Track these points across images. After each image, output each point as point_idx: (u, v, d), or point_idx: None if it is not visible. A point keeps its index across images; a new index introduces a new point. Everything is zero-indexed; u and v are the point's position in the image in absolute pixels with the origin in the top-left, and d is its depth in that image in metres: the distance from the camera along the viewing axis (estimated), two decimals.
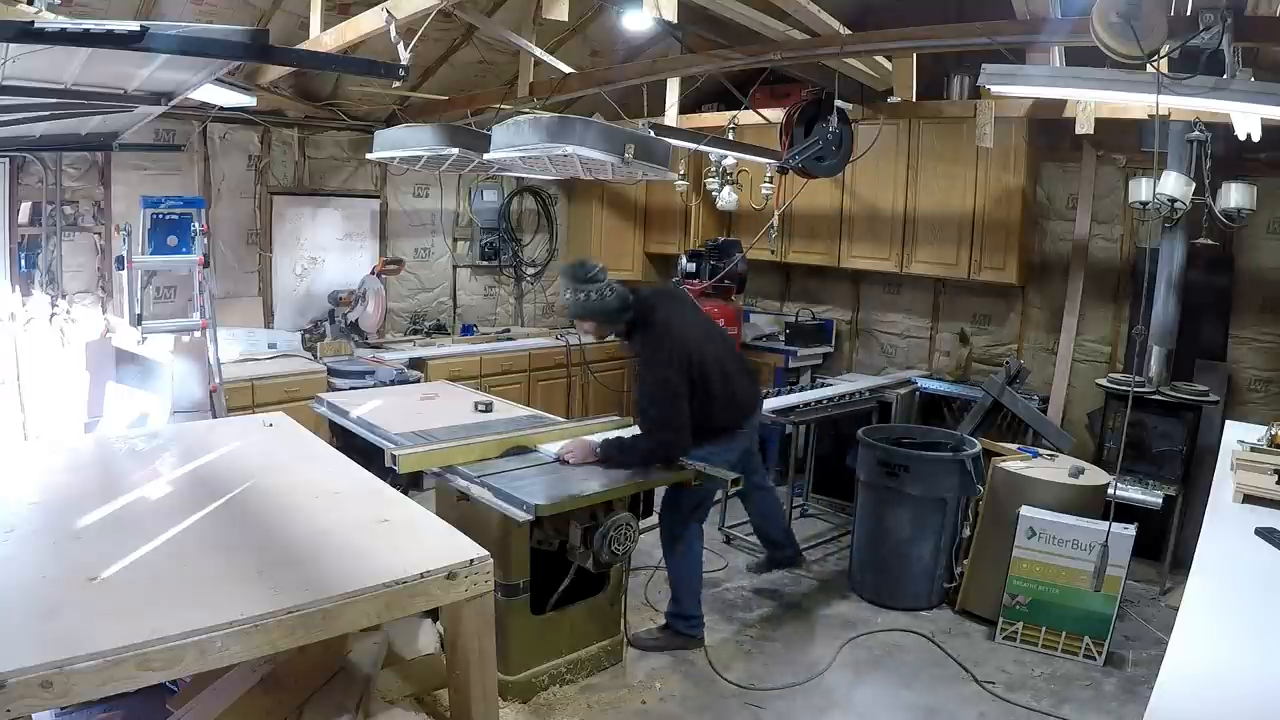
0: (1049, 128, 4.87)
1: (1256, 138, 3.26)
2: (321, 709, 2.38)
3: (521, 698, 3.08)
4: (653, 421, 3.21)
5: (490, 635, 2.21)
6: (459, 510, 3.07)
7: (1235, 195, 3.90)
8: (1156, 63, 2.28)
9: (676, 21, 3.06)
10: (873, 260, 5.62)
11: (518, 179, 6.33)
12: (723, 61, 3.78)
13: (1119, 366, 4.91)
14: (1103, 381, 4.53)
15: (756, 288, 6.58)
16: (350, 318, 5.45)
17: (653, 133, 3.71)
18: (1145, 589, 4.21)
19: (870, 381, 5.35)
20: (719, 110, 5.59)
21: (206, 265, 4.16)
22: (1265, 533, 2.25)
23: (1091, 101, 3.80)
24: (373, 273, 5.56)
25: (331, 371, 4.94)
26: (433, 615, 2.85)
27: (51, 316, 4.39)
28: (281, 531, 2.30)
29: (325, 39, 3.42)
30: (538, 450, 3.38)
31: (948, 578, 3.98)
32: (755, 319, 6.43)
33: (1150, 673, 2.57)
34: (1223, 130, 3.72)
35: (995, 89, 2.94)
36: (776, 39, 3.62)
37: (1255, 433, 2.89)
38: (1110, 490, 3.62)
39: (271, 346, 5.09)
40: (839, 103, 4.32)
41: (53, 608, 1.79)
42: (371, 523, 2.36)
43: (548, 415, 4.05)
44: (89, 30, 1.93)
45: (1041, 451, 4.15)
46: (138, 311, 3.96)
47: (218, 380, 4.17)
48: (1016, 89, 2.99)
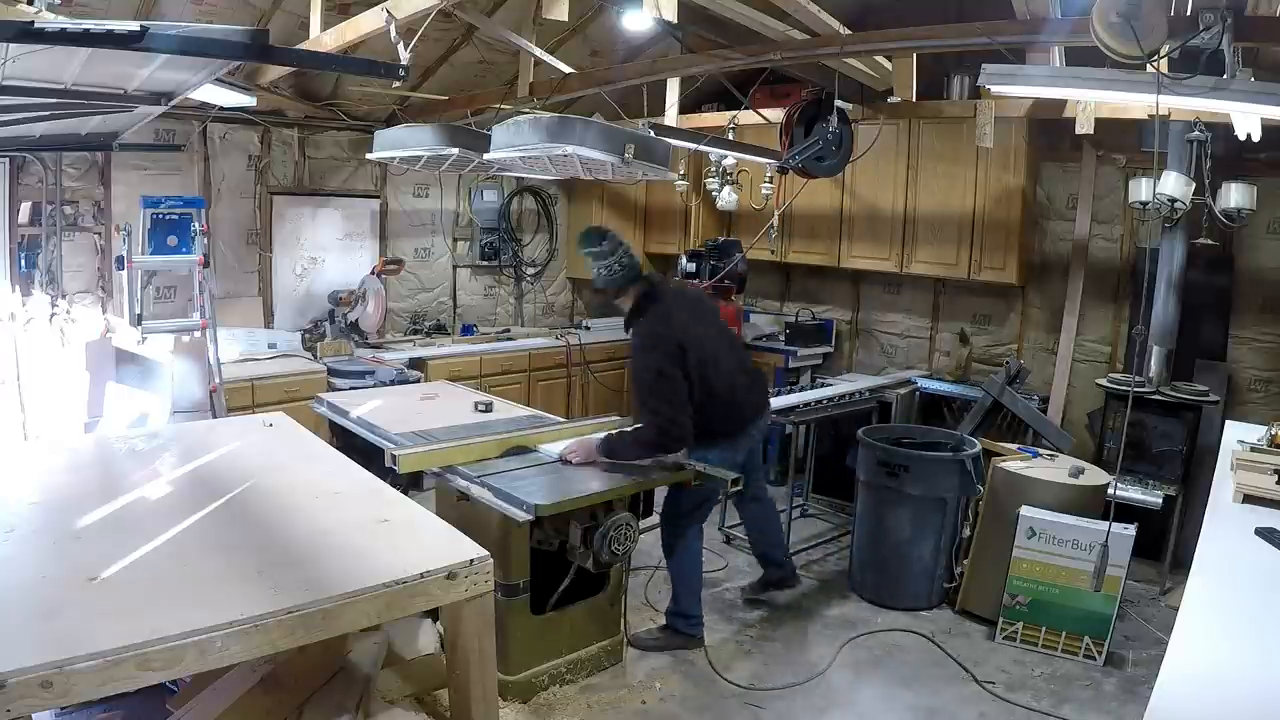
0: (1049, 128, 4.87)
1: (1256, 138, 3.26)
2: (321, 709, 2.38)
3: (521, 698, 3.08)
4: (652, 409, 3.20)
5: (490, 635, 2.20)
6: (459, 510, 3.07)
7: (1235, 195, 3.90)
8: (1156, 63, 2.28)
9: (676, 21, 3.05)
10: (873, 260, 5.62)
11: (518, 179, 6.33)
12: (723, 61, 3.78)
13: (1119, 366, 4.91)
14: (1103, 381, 4.53)
15: (756, 288, 6.59)
16: (350, 318, 5.45)
17: (653, 133, 3.71)
18: (1145, 589, 4.21)
19: (870, 381, 5.34)
20: (719, 110, 5.59)
21: (206, 265, 4.16)
22: (1265, 533, 2.25)
23: (1091, 101, 3.80)
24: (373, 273, 5.55)
25: (331, 371, 4.94)
26: (433, 615, 2.85)
27: (51, 316, 4.39)
28: (281, 531, 2.30)
29: (325, 39, 3.42)
30: (538, 450, 3.38)
31: (948, 578, 3.99)
32: (755, 319, 6.43)
33: (1150, 673, 2.57)
34: (1223, 130, 3.72)
35: (995, 89, 2.93)
36: (776, 39, 3.62)
37: (1255, 433, 2.89)
38: (1110, 490, 3.62)
39: (271, 346, 5.09)
40: (839, 103, 4.31)
41: (53, 608, 1.79)
42: (371, 523, 2.36)
43: (548, 415, 4.05)
44: (89, 30, 1.93)
45: (1041, 451, 4.15)
46: (138, 311, 3.96)
47: (218, 380, 4.17)
48: (1016, 89, 2.99)
